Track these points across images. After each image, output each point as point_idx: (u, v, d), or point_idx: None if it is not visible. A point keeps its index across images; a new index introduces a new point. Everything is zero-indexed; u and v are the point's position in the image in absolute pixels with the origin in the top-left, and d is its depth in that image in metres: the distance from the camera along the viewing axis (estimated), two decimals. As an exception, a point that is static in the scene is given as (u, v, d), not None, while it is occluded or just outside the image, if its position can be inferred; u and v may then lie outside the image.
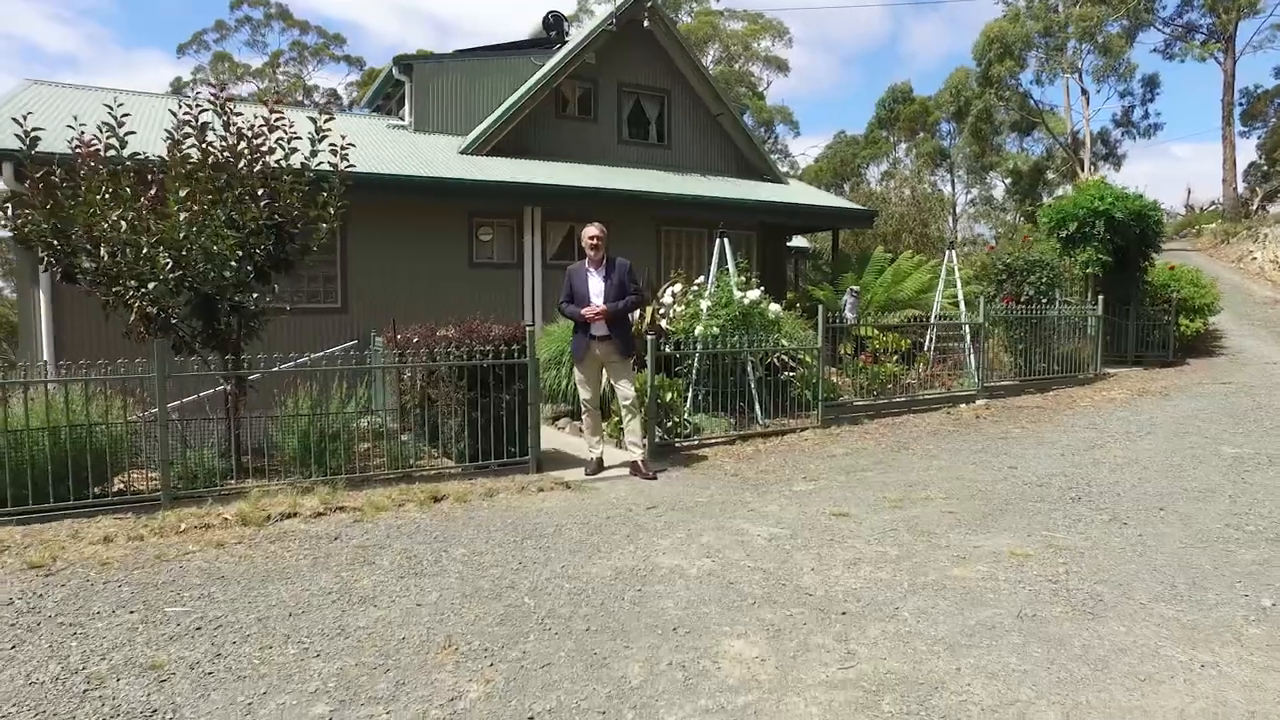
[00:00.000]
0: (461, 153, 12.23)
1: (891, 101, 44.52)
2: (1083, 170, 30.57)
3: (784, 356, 8.75)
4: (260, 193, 5.97)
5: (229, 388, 6.04)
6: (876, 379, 9.13)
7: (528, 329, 6.34)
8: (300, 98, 35.54)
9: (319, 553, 4.27)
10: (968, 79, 33.37)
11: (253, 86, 35.54)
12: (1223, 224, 27.08)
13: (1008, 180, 39.04)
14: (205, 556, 4.20)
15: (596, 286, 6.20)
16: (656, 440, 6.98)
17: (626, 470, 6.37)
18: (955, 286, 11.15)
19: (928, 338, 11.06)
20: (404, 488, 5.79)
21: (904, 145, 45.23)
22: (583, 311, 6.07)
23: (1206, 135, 78.74)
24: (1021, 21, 30.49)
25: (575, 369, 6.41)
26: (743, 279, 8.38)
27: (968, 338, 10.46)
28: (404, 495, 5.59)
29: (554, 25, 15.41)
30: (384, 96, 15.21)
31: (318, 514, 5.17)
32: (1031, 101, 33.06)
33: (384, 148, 11.84)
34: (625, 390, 6.25)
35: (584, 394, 6.37)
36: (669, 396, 7.33)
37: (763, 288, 8.44)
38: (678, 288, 8.60)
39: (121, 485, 5.52)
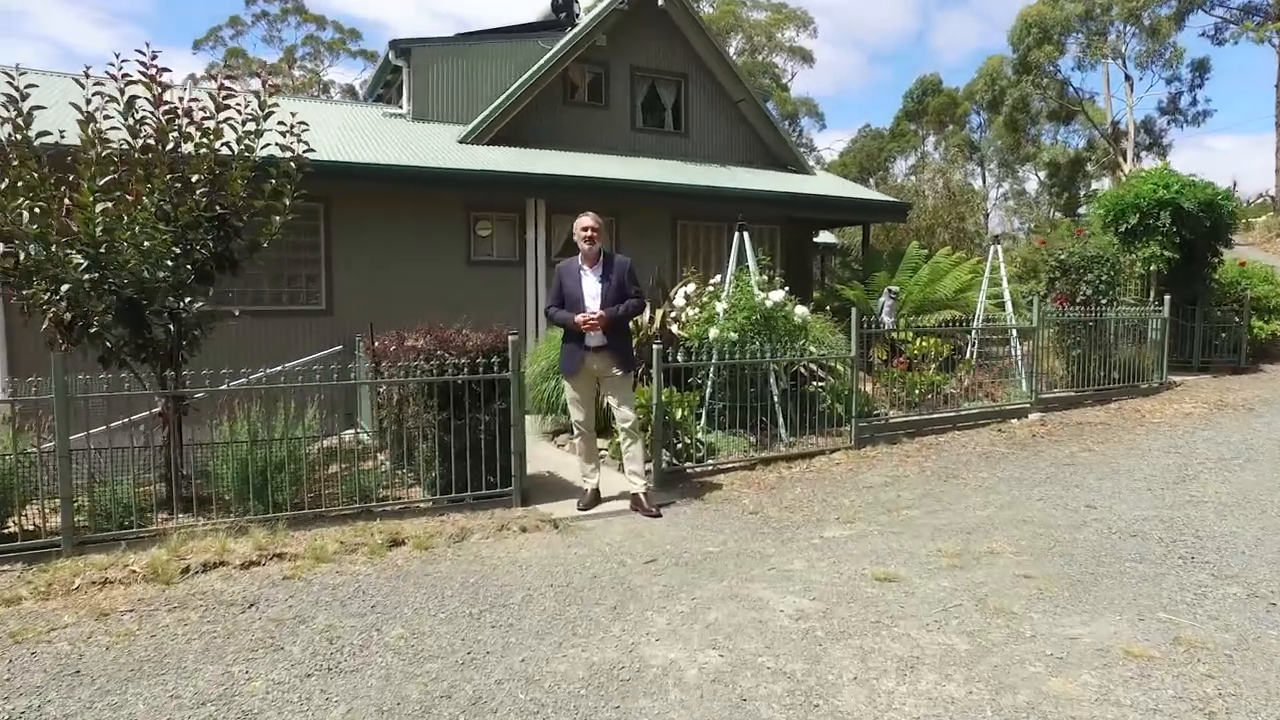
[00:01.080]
0: (460, 142, 11.33)
1: (919, 93, 43.13)
2: (1125, 161, 29.06)
3: (811, 365, 7.75)
4: (195, 179, 5.09)
5: (162, 408, 5.16)
6: (914, 389, 8.10)
7: (510, 337, 5.40)
8: (315, 93, 34.98)
9: (221, 629, 3.37)
10: (1002, 66, 31.91)
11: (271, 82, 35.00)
12: (1275, 217, 25.51)
13: (1043, 173, 37.51)
14: (76, 634, 3.31)
15: (592, 288, 5.25)
16: (664, 465, 6.02)
17: (626, 504, 5.42)
18: (1001, 285, 10.05)
19: (970, 342, 9.99)
20: (362, 526, 4.89)
21: (932, 138, 43.84)
22: (576, 318, 5.13)
23: (1251, 126, 75.85)
24: (1061, 4, 28.99)
25: (566, 386, 5.47)
26: (764, 278, 7.39)
27: (1015, 343, 9.37)
28: (358, 537, 4.69)
29: (563, 6, 14.47)
30: (383, 85, 14.38)
31: (248, 564, 4.28)
32: (1071, 89, 31.50)
33: (375, 137, 10.97)
34: (625, 412, 5.29)
35: (576, 415, 5.42)
36: (679, 414, 6.36)
37: (787, 288, 7.43)
38: (691, 288, 7.62)
39: (24, 526, 4.66)
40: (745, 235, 7.51)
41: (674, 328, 7.64)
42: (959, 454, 6.85)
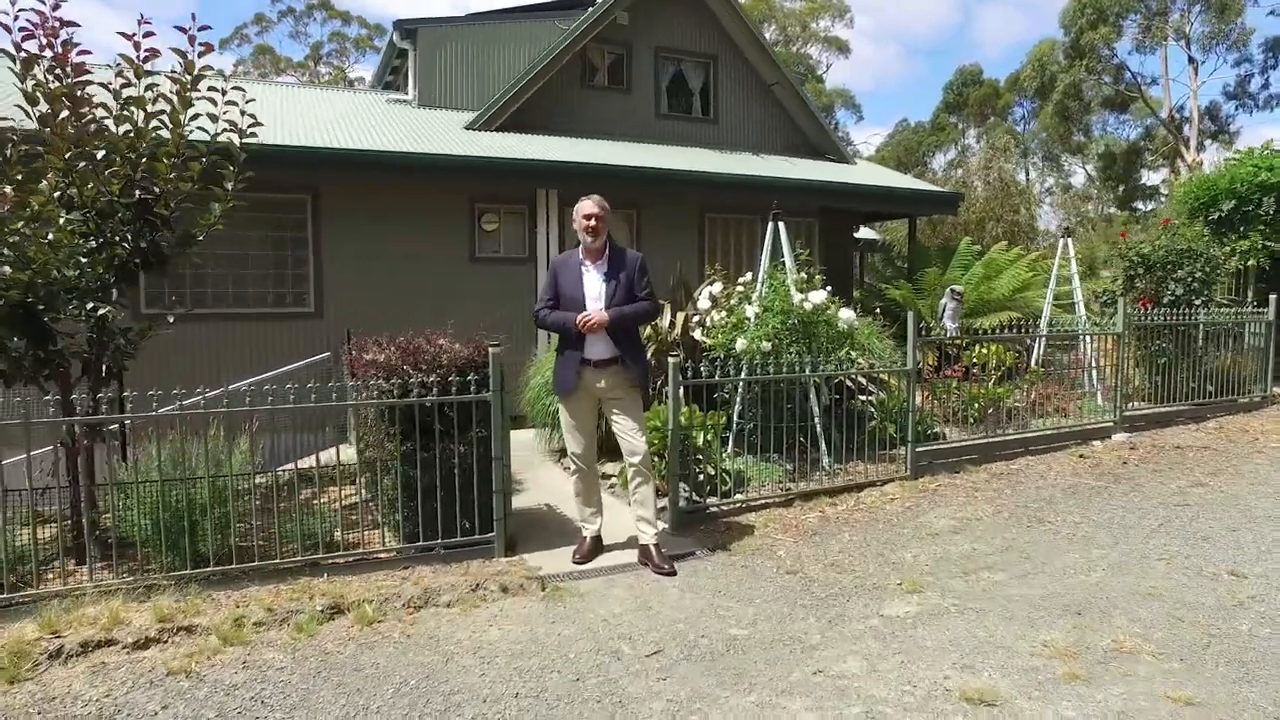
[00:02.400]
0: (467, 128, 10.38)
1: (960, 85, 41.43)
2: (1187, 150, 27.22)
3: (859, 378, 6.66)
4: (100, 155, 4.17)
5: (62, 438, 4.24)
6: (973, 404, 6.94)
7: (491, 349, 4.39)
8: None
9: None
10: (1053, 51, 30.17)
11: (293, 79, 34.60)
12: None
13: (1091, 165, 35.57)
14: None
15: (594, 287, 4.24)
16: (681, 503, 4.98)
17: (633, 553, 4.39)
18: (1072, 284, 8.83)
19: (1035, 349, 8.77)
20: (304, 585, 3.94)
21: (973, 131, 42.09)
22: (576, 320, 4.12)
23: (1311, 115, 71.93)
24: (1118, -17, 27.22)
25: (561, 408, 4.44)
26: (802, 276, 6.30)
27: (1089, 350, 8.14)
28: (294, 600, 3.74)
29: (583, -16, 13.45)
30: (391, 71, 13.52)
31: (142, 643, 3.34)
32: (1128, 74, 29.63)
33: (373, 124, 10.07)
34: (634, 442, 4.26)
35: (573, 445, 4.39)
36: (701, 439, 5.30)
37: (829, 287, 6.34)
38: (717, 287, 6.56)
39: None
40: (780, 226, 6.44)
41: (697, 334, 6.58)
42: (1038, 487, 5.70)
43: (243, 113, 4.65)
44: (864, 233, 17.30)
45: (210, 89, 4.48)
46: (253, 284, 8.42)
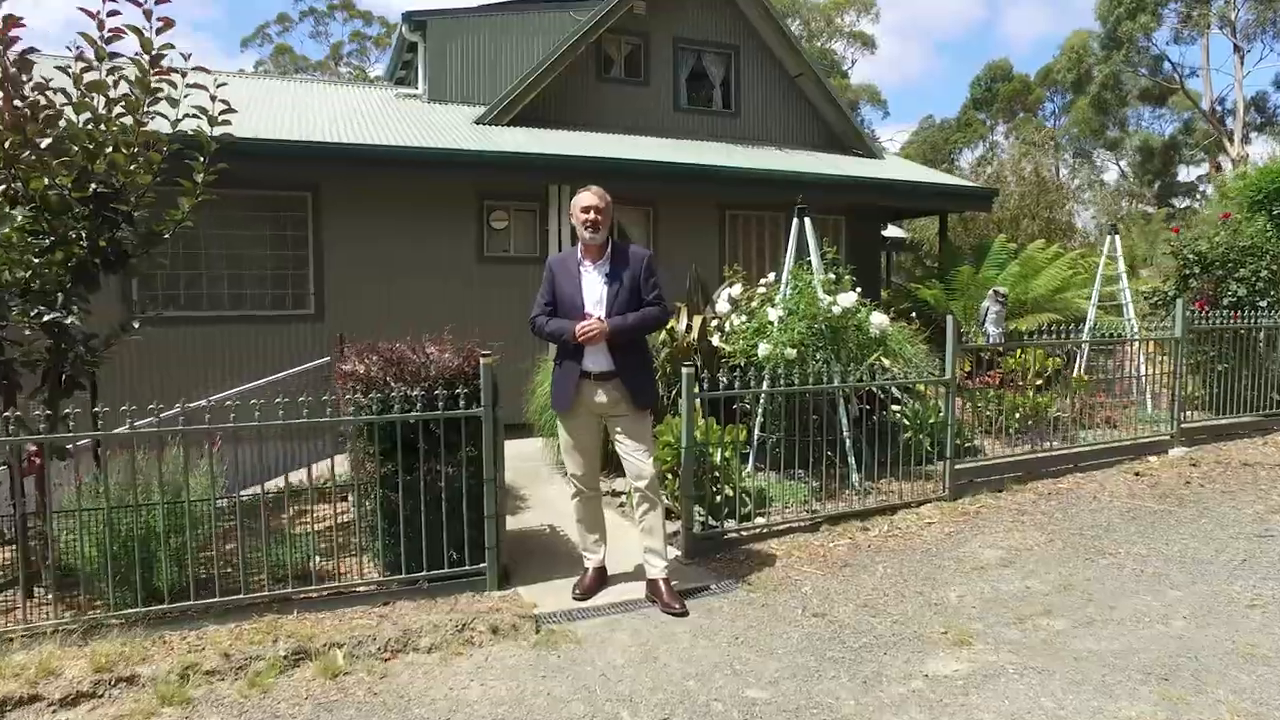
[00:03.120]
0: (477, 123, 9.96)
1: (988, 80, 40.51)
2: (1231, 144, 26.16)
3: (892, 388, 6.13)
4: (46, 145, 3.77)
5: (6, 458, 3.85)
6: (1013, 414, 6.37)
7: (482, 358, 3.93)
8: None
9: None
10: (1089, 43, 29.18)
11: (308, 78, 34.55)
12: None
13: (1125, 161, 34.41)
14: None
15: (595, 290, 3.77)
16: (696, 528, 4.50)
17: (640, 586, 3.92)
18: (1119, 284, 8.22)
19: (1079, 354, 8.16)
20: (269, 624, 3.51)
21: (1002, 127, 41.10)
22: (576, 329, 3.65)
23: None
24: (1157, -30, 26.21)
25: (559, 426, 3.96)
26: (830, 276, 5.79)
27: (1139, 356, 7.53)
28: (255, 644, 3.31)
29: (600, -26, 12.97)
30: (402, 65, 13.14)
31: (71, 698, 2.93)
32: (1167, 65, 28.56)
33: (379, 119, 9.68)
34: (640, 464, 3.78)
35: (573, 468, 3.92)
36: (719, 455, 4.81)
37: (859, 288, 5.81)
38: (737, 289, 6.05)
39: None
40: (807, 222, 5.93)
41: (715, 339, 6.09)
42: (1092, 510, 5.13)
43: (213, 98, 4.25)
44: (896, 232, 16.68)
45: (172, 70, 4.06)
46: (250, 285, 8.05)
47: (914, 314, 8.20)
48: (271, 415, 3.73)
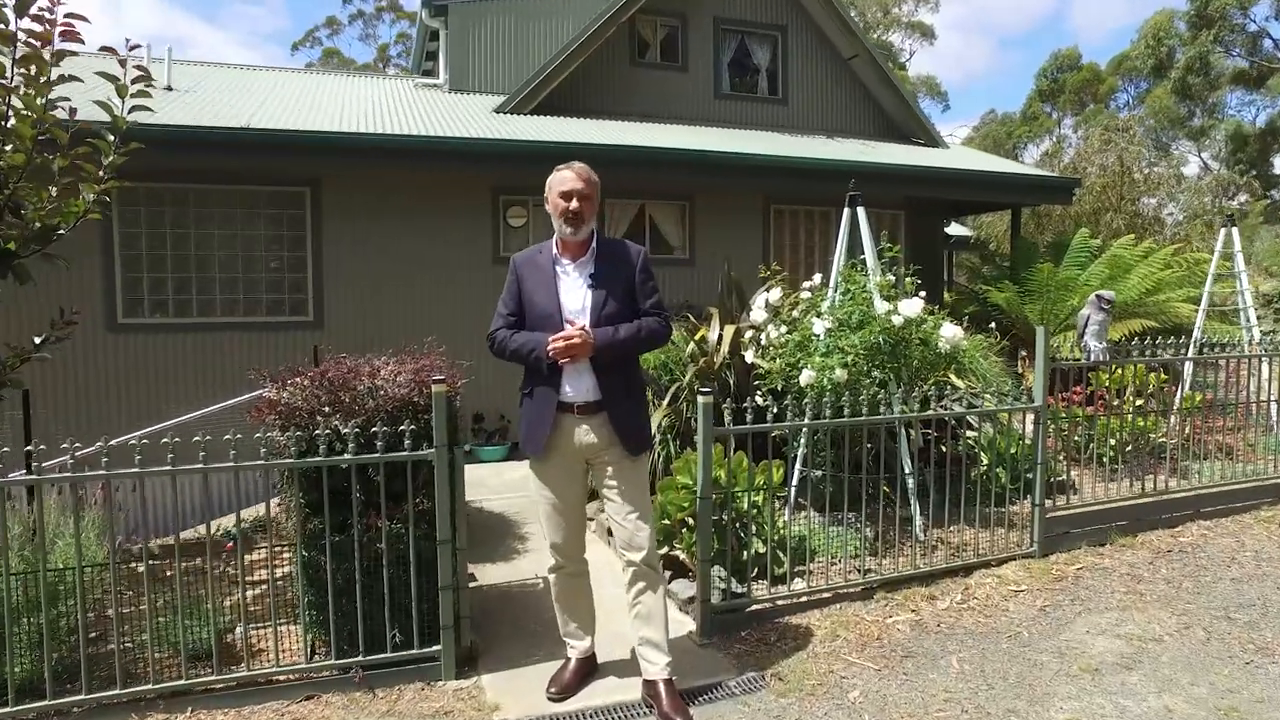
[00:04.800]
0: (496, 111, 9.17)
1: (1055, 70, 38.40)
2: (1336, 131, 23.77)
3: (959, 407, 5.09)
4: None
5: None
6: (1110, 441, 5.22)
7: (434, 385, 3.05)
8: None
9: None
10: (1172, 23, 27.07)
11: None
12: None
13: (1208, 153, 31.91)
14: None
15: (575, 296, 2.86)
16: (716, 596, 3.56)
17: (638, 685, 2.99)
18: (1239, 285, 6.96)
19: (1184, 370, 6.92)
20: (153, 729, 2.69)
21: (1069, 120, 38.90)
22: (550, 344, 2.75)
23: None
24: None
25: (532, 477, 3.03)
26: (888, 279, 4.77)
27: (1265, 373, 6.27)
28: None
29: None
30: (427, 56, 12.48)
31: None
32: (1268, 42, 26.05)
33: (392, 110, 8.96)
34: (633, 530, 2.85)
35: (551, 532, 2.99)
36: (748, 501, 3.85)
37: (924, 292, 4.77)
38: (775, 294, 5.08)
39: None
40: (860, 213, 4.93)
41: (750, 354, 5.12)
42: (1234, 579, 4.01)
43: (122, 62, 3.47)
44: (959, 230, 15.39)
45: (70, 34, 3.29)
46: (245, 290, 7.38)
47: (992, 323, 7.08)
48: (192, 451, 2.93)
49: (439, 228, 7.89)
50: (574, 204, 2.82)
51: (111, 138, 3.50)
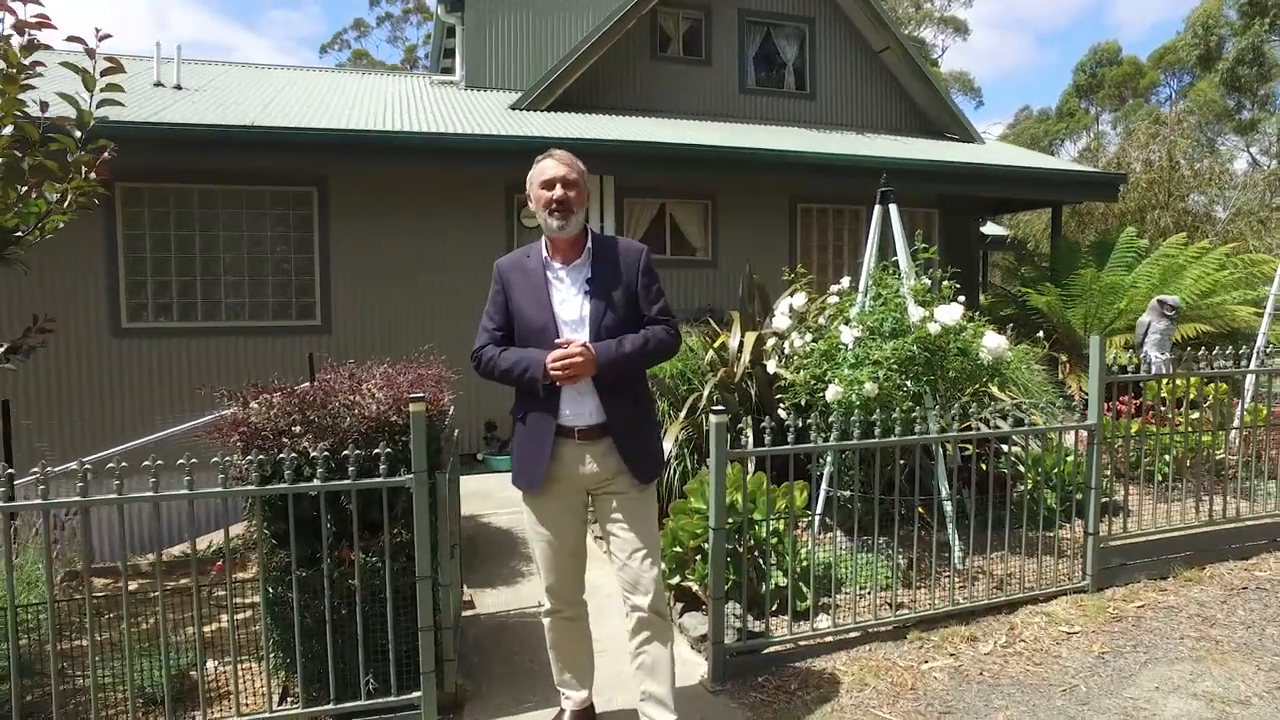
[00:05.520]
0: (512, 108, 8.88)
1: (1093, 65, 37.34)
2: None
3: (1000, 422, 4.68)
4: None
5: None
6: (1166, 457, 4.75)
7: (412, 405, 2.73)
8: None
9: None
10: (1221, 12, 26.02)
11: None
12: None
13: (1256, 148, 30.66)
14: None
15: (571, 304, 2.52)
16: (730, 636, 3.20)
17: (638, 735, 2.64)
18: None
19: (1246, 380, 6.38)
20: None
21: (1108, 115, 37.78)
22: (550, 360, 2.39)
23: None
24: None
25: (526, 512, 2.68)
26: (923, 282, 4.37)
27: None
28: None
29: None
30: (445, 53, 12.25)
31: None
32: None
33: (404, 107, 8.71)
34: (638, 571, 2.50)
35: (547, 574, 2.62)
36: (767, 530, 3.49)
37: (963, 297, 4.36)
38: (799, 299, 4.69)
39: None
40: (892, 210, 4.53)
41: (771, 364, 4.74)
42: (1313, 617, 3.55)
43: (90, 52, 3.21)
44: (995, 229, 14.81)
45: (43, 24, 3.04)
46: (251, 293, 7.17)
47: (1040, 331, 6.61)
48: (161, 473, 2.64)
49: (451, 228, 7.62)
50: (558, 191, 2.48)
51: (78, 134, 3.24)
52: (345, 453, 2.67)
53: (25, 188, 3.23)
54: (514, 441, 2.62)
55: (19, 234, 3.20)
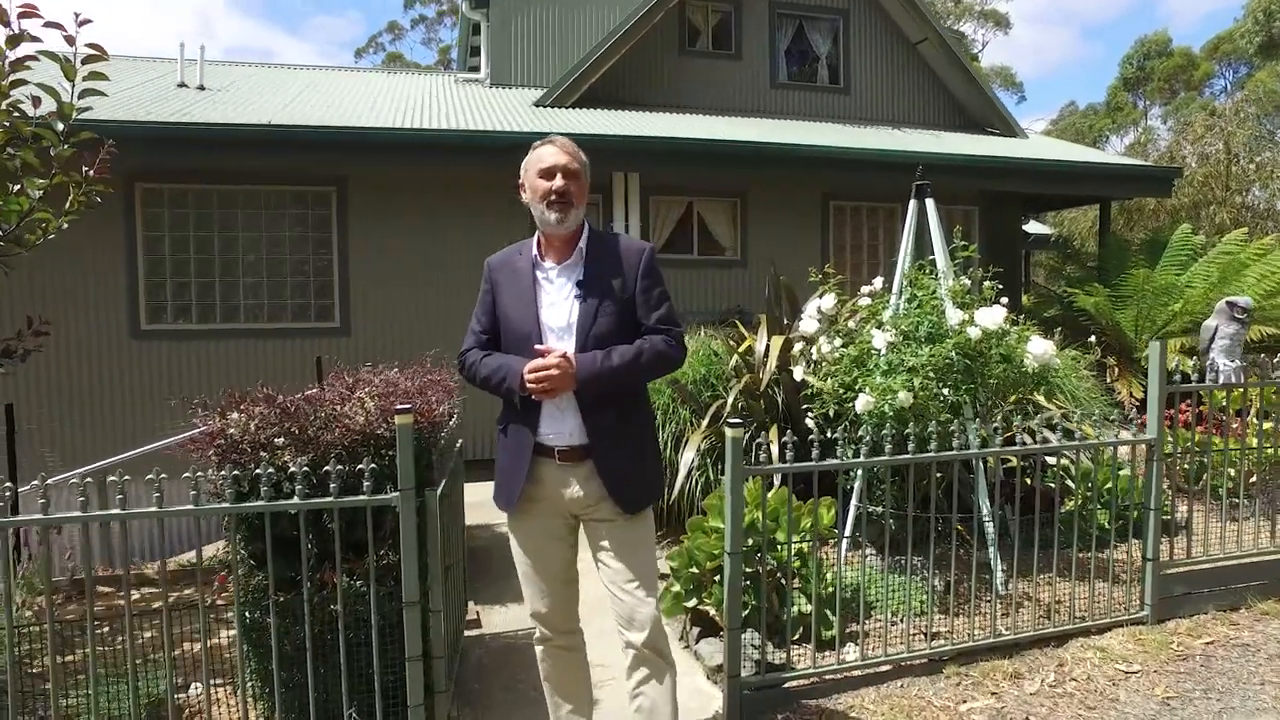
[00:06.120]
0: (536, 105, 8.70)
1: (1142, 57, 36.19)
2: None
3: (1048, 433, 4.35)
4: None
5: None
6: (1230, 470, 4.35)
7: (398, 417, 2.51)
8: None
9: None
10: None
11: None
12: None
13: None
14: None
15: (561, 308, 2.27)
16: (748, 670, 2.94)
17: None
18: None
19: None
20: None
21: (1158, 109, 36.54)
22: (526, 372, 2.14)
23: None
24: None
25: (510, 535, 2.44)
26: (962, 283, 4.04)
27: None
28: None
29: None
30: (471, 50, 12.13)
31: None
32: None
33: (425, 105, 8.58)
34: (633, 604, 2.24)
35: (534, 600, 2.37)
36: (789, 550, 3.21)
37: (1005, 299, 4.03)
38: (828, 301, 4.40)
39: None
40: (929, 205, 4.22)
41: (799, 370, 4.45)
42: None
43: (70, 39, 3.05)
44: (1038, 228, 14.27)
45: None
46: (270, 294, 7.07)
47: (1091, 337, 6.23)
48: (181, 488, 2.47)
49: (468, 229, 7.44)
50: (558, 182, 2.25)
51: (60, 126, 3.09)
52: (327, 468, 2.46)
53: (18, 186, 3.10)
54: (496, 456, 2.39)
55: (32, 240, 3.05)
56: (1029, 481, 4.40)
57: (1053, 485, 4.42)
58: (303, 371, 6.52)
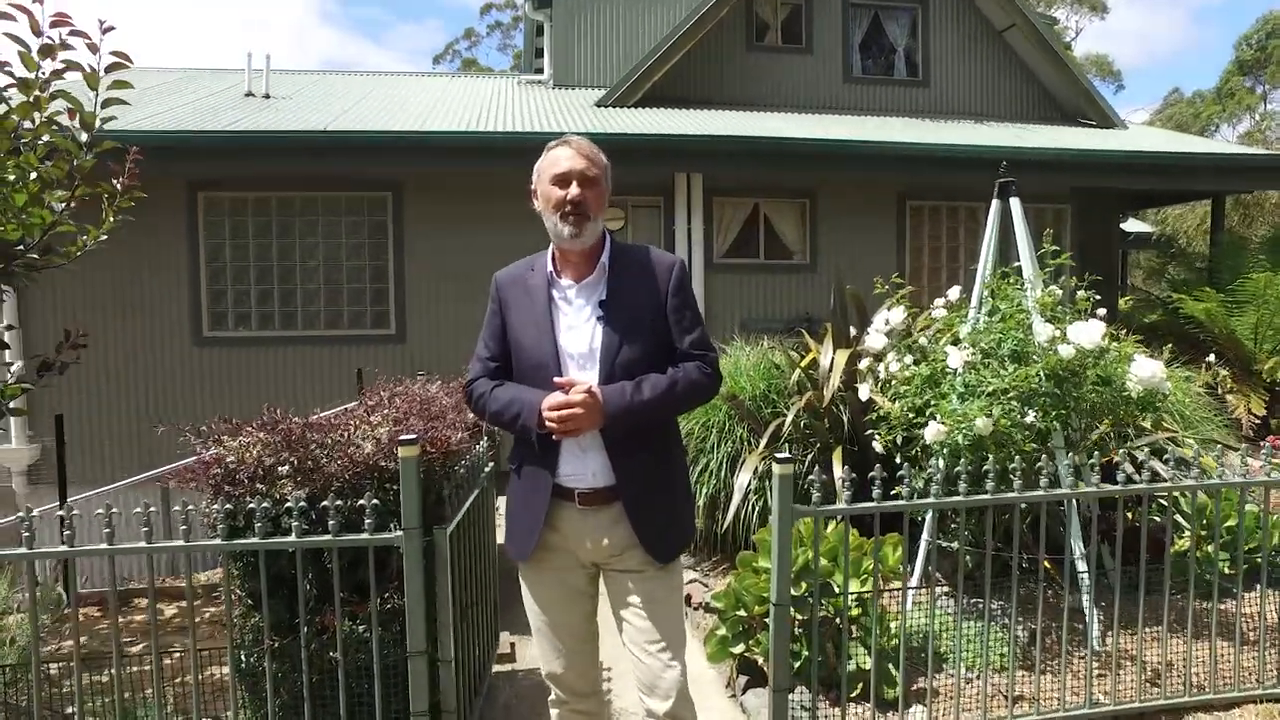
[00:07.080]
0: (598, 105, 8.48)
1: (1261, 37, 33.47)
2: None
3: (1158, 467, 3.86)
4: None
5: None
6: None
7: (402, 449, 2.28)
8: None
9: None
10: None
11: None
12: None
13: None
14: None
15: (581, 333, 1.98)
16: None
17: None
18: None
19: None
20: None
21: (1278, 95, 33.83)
22: (545, 408, 1.85)
23: None
24: None
25: (523, 587, 2.15)
26: (1052, 293, 3.57)
27: None
28: None
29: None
30: (536, 52, 12.02)
31: None
32: None
33: (485, 107, 8.46)
34: (656, 670, 1.93)
35: (549, 660, 2.09)
36: (847, 599, 2.84)
37: (1103, 310, 3.53)
38: (897, 315, 3.98)
39: None
40: (1014, 205, 3.77)
41: (864, 389, 4.05)
42: None
43: (93, 48, 2.94)
44: (1138, 226, 13.24)
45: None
46: (326, 301, 7.06)
47: (1162, 333, 5.58)
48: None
49: (525, 233, 7.24)
50: (574, 190, 1.95)
51: (85, 137, 2.99)
52: (325, 502, 2.25)
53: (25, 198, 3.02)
54: (507, 497, 2.12)
55: (20, 246, 2.98)
56: (1130, 516, 3.89)
57: (1158, 519, 3.90)
58: (353, 377, 6.48)
